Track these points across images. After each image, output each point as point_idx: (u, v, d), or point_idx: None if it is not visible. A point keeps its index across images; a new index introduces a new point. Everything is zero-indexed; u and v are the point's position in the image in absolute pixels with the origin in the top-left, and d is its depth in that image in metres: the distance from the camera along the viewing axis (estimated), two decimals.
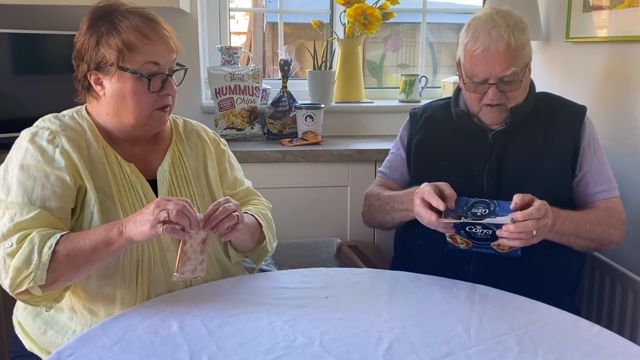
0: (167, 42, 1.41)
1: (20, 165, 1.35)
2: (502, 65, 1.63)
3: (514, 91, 1.68)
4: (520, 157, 1.72)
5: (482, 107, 1.72)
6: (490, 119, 1.74)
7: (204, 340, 1.19)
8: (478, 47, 1.64)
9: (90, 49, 1.39)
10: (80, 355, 1.14)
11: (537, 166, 1.70)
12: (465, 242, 1.51)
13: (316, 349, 1.17)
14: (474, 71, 1.67)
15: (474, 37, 1.67)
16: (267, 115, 2.69)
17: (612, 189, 1.73)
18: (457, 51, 1.79)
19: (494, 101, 1.68)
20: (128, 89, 1.38)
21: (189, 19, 2.65)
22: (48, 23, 2.43)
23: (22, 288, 1.24)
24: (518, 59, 1.65)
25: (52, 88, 2.35)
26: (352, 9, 2.70)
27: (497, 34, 1.62)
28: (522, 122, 1.73)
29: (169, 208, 1.24)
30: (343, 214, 2.51)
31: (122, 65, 1.36)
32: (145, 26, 1.38)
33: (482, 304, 1.37)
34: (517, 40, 1.63)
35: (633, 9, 2.00)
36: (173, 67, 1.44)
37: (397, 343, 1.19)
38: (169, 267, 1.44)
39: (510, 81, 1.66)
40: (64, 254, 1.25)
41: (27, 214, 1.29)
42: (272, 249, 1.63)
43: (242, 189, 1.67)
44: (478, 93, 1.70)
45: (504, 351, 1.17)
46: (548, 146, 1.72)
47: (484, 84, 1.67)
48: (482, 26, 1.65)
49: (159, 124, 1.46)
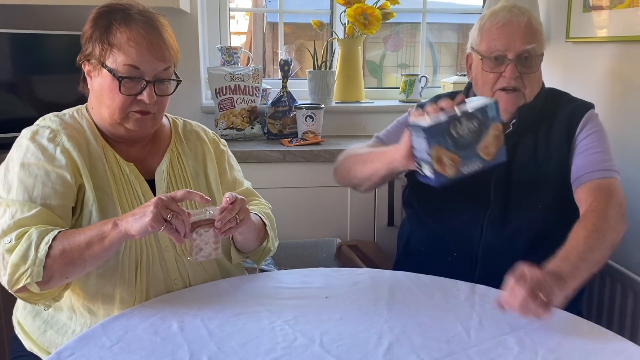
0: (157, 50, 1.38)
1: (21, 163, 1.35)
2: (522, 39, 1.58)
3: (530, 75, 1.62)
4: (527, 163, 1.65)
5: (495, 93, 1.64)
6: (505, 104, 1.62)
7: (204, 340, 1.19)
8: (498, 21, 1.61)
9: (85, 39, 1.42)
10: (81, 355, 1.14)
11: (542, 173, 1.64)
12: (452, 160, 1.37)
13: (316, 349, 1.17)
14: (492, 45, 1.61)
15: (492, 15, 1.64)
16: (267, 115, 2.69)
17: (599, 170, 1.57)
18: (468, 44, 1.74)
19: (510, 83, 1.60)
20: (105, 85, 1.38)
21: (189, 19, 2.65)
22: (48, 23, 2.43)
23: (20, 284, 1.24)
24: (538, 39, 1.62)
25: (52, 88, 2.35)
26: (352, 9, 2.70)
27: (518, 11, 1.61)
28: (530, 123, 1.67)
29: (173, 209, 1.24)
30: (343, 214, 2.51)
31: (103, 61, 1.38)
32: (139, 30, 1.37)
33: (482, 304, 1.37)
34: (536, 22, 1.62)
35: (633, 9, 2.00)
36: (161, 76, 1.41)
37: (397, 343, 1.19)
38: (167, 267, 1.44)
39: (530, 59, 1.61)
40: (60, 249, 1.24)
41: (28, 211, 1.29)
42: (274, 248, 1.62)
43: (242, 189, 1.66)
44: (495, 73, 1.62)
45: (504, 351, 1.17)
46: (550, 150, 1.66)
47: (502, 62, 1.61)
48: (500, 8, 1.64)
49: (137, 127, 1.43)
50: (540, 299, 1.21)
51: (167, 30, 1.44)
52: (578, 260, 1.34)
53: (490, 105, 1.38)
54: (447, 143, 1.36)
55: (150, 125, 1.45)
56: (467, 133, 1.37)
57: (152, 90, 1.39)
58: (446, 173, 1.38)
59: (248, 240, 1.52)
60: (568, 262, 1.33)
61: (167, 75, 1.43)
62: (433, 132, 1.35)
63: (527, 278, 1.23)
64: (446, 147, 1.36)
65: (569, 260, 1.34)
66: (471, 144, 1.38)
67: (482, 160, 1.40)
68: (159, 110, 1.45)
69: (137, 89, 1.38)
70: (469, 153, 1.38)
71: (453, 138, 1.36)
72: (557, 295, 1.25)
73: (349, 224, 2.52)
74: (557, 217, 1.60)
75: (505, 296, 1.24)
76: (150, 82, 1.39)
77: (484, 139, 1.39)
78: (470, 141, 1.38)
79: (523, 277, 1.23)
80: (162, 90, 1.42)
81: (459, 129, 1.36)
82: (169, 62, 1.42)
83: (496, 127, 1.39)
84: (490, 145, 1.39)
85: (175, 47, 1.45)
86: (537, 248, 1.55)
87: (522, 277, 1.23)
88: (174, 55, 1.44)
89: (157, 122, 1.48)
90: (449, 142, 1.36)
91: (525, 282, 1.22)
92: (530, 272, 1.24)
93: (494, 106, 1.39)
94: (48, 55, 2.41)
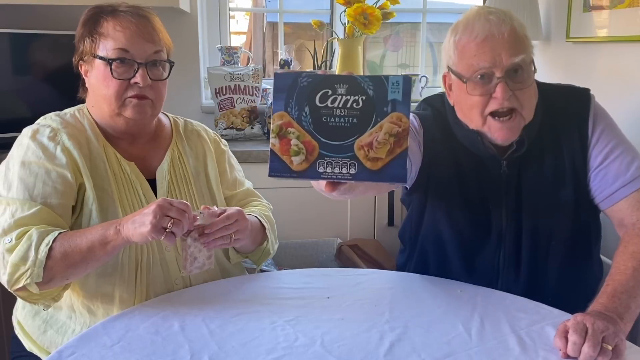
0: (145, 32, 1.40)
1: (22, 161, 1.35)
2: (509, 51, 1.31)
3: (525, 90, 1.35)
4: (536, 188, 1.44)
5: (486, 119, 1.37)
6: (502, 135, 1.37)
7: (205, 340, 1.19)
8: (477, 35, 1.33)
9: (77, 39, 1.43)
10: (82, 355, 1.14)
11: (554, 197, 1.44)
12: (305, 145, 0.89)
13: (317, 349, 1.17)
14: (473, 63, 1.33)
15: (467, 28, 1.35)
16: (267, 115, 2.69)
17: (633, 180, 1.39)
18: (443, 62, 1.45)
19: (504, 104, 1.33)
20: (99, 76, 1.39)
21: (189, 19, 2.65)
22: (48, 23, 2.43)
23: (20, 284, 1.24)
24: (525, 46, 1.35)
25: (52, 88, 2.36)
26: (352, 9, 2.70)
27: (497, 18, 1.33)
28: (532, 141, 1.43)
29: (172, 216, 1.23)
30: (343, 214, 2.51)
31: (94, 52, 1.39)
32: (126, 16, 1.39)
33: (484, 305, 1.37)
34: (520, 27, 1.35)
35: (633, 9, 2.00)
36: (153, 58, 1.42)
37: (398, 343, 1.19)
38: (168, 267, 1.44)
39: (521, 72, 1.34)
40: (61, 252, 1.24)
41: (28, 210, 1.29)
42: (274, 250, 1.62)
43: (242, 189, 1.66)
44: (483, 95, 1.34)
45: (505, 352, 1.16)
46: (559, 169, 1.44)
47: (490, 81, 1.34)
48: (475, 17, 1.36)
49: (135, 114, 1.41)
50: (608, 351, 1.10)
51: (156, 19, 1.45)
52: (629, 299, 1.22)
53: (396, 78, 0.90)
54: (302, 113, 0.90)
55: (149, 112, 1.44)
56: (341, 110, 0.90)
57: (145, 72, 1.40)
58: (288, 161, 0.90)
59: (244, 243, 1.52)
60: (618, 300, 1.21)
61: (158, 58, 1.43)
62: (281, 83, 0.91)
63: (586, 328, 1.12)
64: (299, 119, 0.90)
65: (619, 299, 1.22)
66: (345, 132, 0.90)
67: (358, 167, 0.90)
68: (157, 98, 1.45)
69: (130, 73, 1.39)
70: (335, 145, 0.90)
71: (315, 108, 0.90)
72: (624, 341, 1.13)
73: (349, 224, 2.53)
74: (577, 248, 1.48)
75: (562, 347, 1.14)
76: (142, 64, 1.39)
77: (369, 131, 0.89)
78: (345, 127, 0.90)
79: (582, 327, 1.12)
80: (155, 75, 1.42)
81: (329, 97, 0.90)
82: (159, 46, 1.43)
83: (398, 120, 0.90)
84: (379, 146, 0.89)
85: (165, 33, 1.46)
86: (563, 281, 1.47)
87: (582, 327, 1.12)
88: (164, 40, 1.45)
89: (156, 111, 1.47)
90: (306, 114, 0.90)
91: (585, 333, 1.11)
92: (588, 320, 1.13)
93: (402, 81, 0.90)
94: (48, 55, 2.40)
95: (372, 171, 0.89)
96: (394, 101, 0.89)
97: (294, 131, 0.90)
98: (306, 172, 0.90)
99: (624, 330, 1.17)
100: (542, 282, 1.47)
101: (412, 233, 1.63)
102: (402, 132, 0.89)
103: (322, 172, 0.90)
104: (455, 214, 1.49)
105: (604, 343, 1.10)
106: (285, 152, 0.90)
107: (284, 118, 0.90)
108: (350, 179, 0.89)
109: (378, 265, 2.34)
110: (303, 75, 0.90)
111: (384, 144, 0.89)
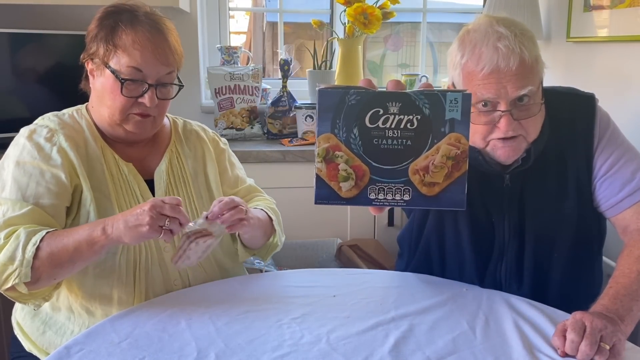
0: (161, 54, 1.38)
1: (16, 161, 1.35)
2: (515, 84, 1.28)
3: (530, 119, 1.32)
4: (539, 201, 1.43)
5: (489, 143, 1.35)
6: (505, 153, 1.35)
7: (211, 337, 1.19)
8: (484, 67, 1.28)
9: (90, 38, 1.41)
10: (89, 351, 1.14)
11: (557, 210, 1.42)
12: (355, 169, 0.84)
13: (323, 347, 1.17)
14: (478, 92, 1.30)
15: (474, 54, 1.31)
16: (267, 115, 2.69)
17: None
18: (449, 73, 1.41)
19: (508, 133, 1.31)
20: (107, 86, 1.38)
21: (189, 19, 2.65)
22: (48, 23, 2.43)
23: (8, 284, 1.23)
24: (534, 76, 1.31)
25: (52, 88, 2.35)
26: (352, 9, 2.70)
27: (506, 48, 1.27)
28: (537, 157, 1.40)
29: (167, 214, 1.22)
30: (343, 214, 2.51)
31: (106, 61, 1.37)
32: (145, 33, 1.37)
33: (489, 303, 1.37)
34: (530, 53, 1.29)
35: (633, 9, 2.01)
36: (164, 80, 1.41)
37: (403, 341, 1.19)
38: (166, 268, 1.43)
39: (527, 104, 1.31)
40: (47, 251, 1.23)
41: (19, 210, 1.29)
42: (281, 243, 1.62)
43: (244, 186, 1.66)
44: (486, 125, 1.32)
45: (509, 349, 1.17)
46: (563, 181, 1.43)
47: (493, 112, 1.31)
48: (483, 39, 1.30)
49: (136, 129, 1.42)
50: (605, 350, 1.10)
51: (173, 34, 1.43)
52: (631, 301, 1.22)
53: (454, 95, 0.83)
54: (351, 135, 0.83)
55: (149, 128, 1.44)
56: (394, 131, 0.83)
57: (154, 93, 1.39)
58: (336, 187, 0.84)
59: (255, 237, 1.52)
60: (619, 302, 1.21)
61: (169, 79, 1.43)
62: (327, 102, 0.82)
63: (585, 327, 1.13)
64: (347, 141, 0.83)
65: (621, 301, 1.22)
66: (398, 155, 0.83)
67: (412, 193, 0.84)
68: (159, 114, 1.45)
69: (138, 92, 1.38)
70: (388, 170, 0.84)
71: (365, 130, 0.83)
72: (623, 341, 1.13)
73: (349, 224, 2.53)
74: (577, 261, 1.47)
75: (560, 345, 1.15)
76: (152, 85, 1.38)
77: (425, 154, 0.84)
78: (398, 149, 0.83)
79: (580, 326, 1.13)
80: (163, 94, 1.42)
81: (381, 117, 0.82)
82: (173, 67, 1.42)
83: (456, 141, 0.84)
84: (436, 170, 0.83)
85: (180, 51, 1.45)
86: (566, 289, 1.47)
87: (580, 326, 1.13)
88: (178, 60, 1.44)
89: (156, 126, 1.47)
90: (355, 136, 0.83)
91: (583, 332, 1.12)
92: (586, 319, 1.14)
93: (460, 98, 0.83)
94: (48, 55, 2.40)
95: (428, 197, 0.84)
96: (452, 120, 0.82)
97: (342, 155, 0.83)
98: (356, 199, 0.84)
99: (624, 331, 1.16)
100: (544, 294, 1.46)
101: (412, 242, 1.63)
102: (461, 154, 0.83)
103: (374, 198, 0.84)
104: (457, 227, 1.49)
105: (601, 342, 1.10)
106: (332, 177, 0.84)
107: (331, 140, 0.83)
108: (405, 206, 0.85)
109: (378, 265, 2.35)
110: (351, 92, 0.82)
111: (441, 168, 0.83)
